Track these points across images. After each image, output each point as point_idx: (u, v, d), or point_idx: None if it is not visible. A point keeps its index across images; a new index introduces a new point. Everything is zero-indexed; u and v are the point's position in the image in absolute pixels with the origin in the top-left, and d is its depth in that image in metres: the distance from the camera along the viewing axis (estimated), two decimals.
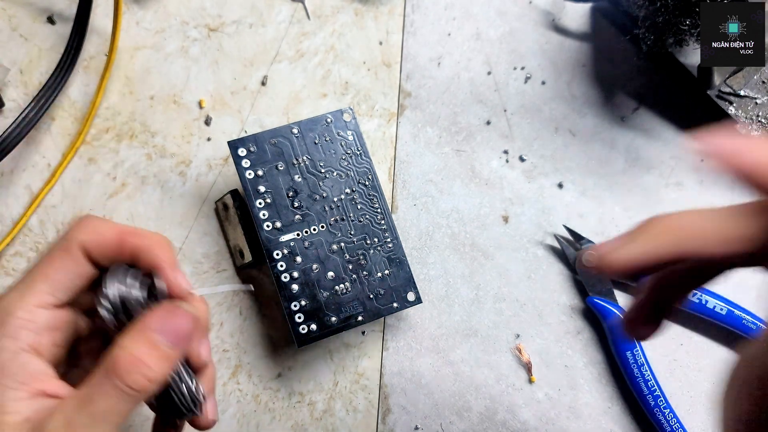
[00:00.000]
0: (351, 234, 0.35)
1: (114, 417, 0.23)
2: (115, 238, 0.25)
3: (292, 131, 0.35)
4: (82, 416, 0.23)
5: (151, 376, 0.23)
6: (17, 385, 0.23)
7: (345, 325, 0.34)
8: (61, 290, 0.25)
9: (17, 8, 0.39)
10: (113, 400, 0.23)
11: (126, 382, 0.23)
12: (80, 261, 0.25)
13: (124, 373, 0.23)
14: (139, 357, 0.23)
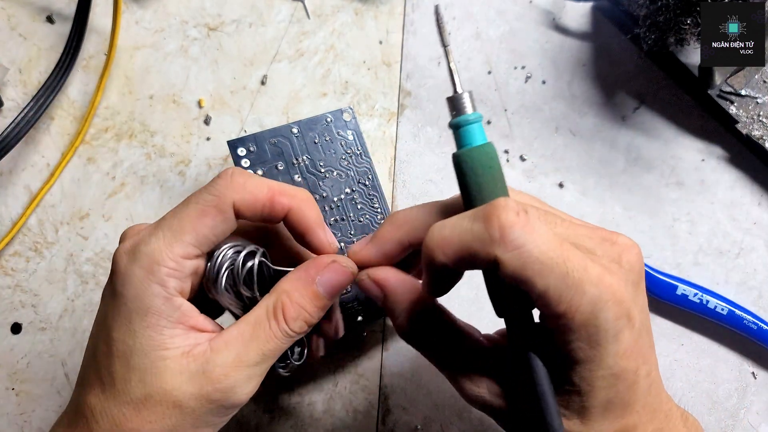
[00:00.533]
0: (351, 234, 0.35)
1: (275, 354, 0.26)
2: (267, 198, 0.27)
3: (291, 131, 0.35)
4: (251, 353, 0.25)
5: (311, 322, 0.26)
6: (172, 324, 0.25)
7: (345, 325, 0.34)
8: (206, 244, 0.26)
9: (16, 7, 0.39)
10: (279, 342, 0.26)
11: (292, 327, 0.26)
12: (231, 219, 0.26)
13: (291, 319, 0.26)
14: (303, 305, 0.26)
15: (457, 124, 0.23)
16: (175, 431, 0.25)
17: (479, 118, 0.23)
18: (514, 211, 0.21)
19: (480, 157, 0.23)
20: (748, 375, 0.39)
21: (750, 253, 0.40)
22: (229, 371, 0.25)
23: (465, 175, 0.23)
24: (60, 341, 0.36)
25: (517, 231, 0.21)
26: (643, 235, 0.40)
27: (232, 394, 0.25)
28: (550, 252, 0.21)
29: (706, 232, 0.40)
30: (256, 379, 0.26)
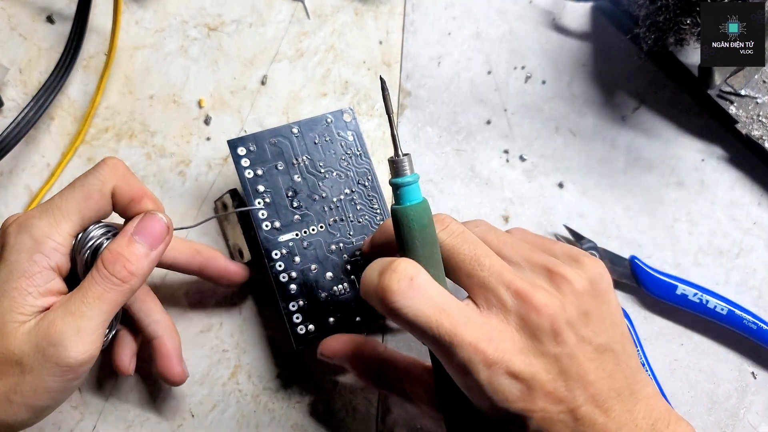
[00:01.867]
0: (350, 235, 0.35)
1: (103, 304, 0.27)
2: (139, 194, 0.29)
3: (292, 131, 0.35)
4: (76, 302, 0.27)
5: (131, 268, 0.28)
6: (38, 294, 0.27)
7: (342, 326, 0.34)
8: (86, 223, 0.29)
9: (16, 7, 0.39)
10: (101, 288, 0.27)
11: (110, 271, 0.27)
12: (108, 203, 0.29)
13: (108, 264, 0.27)
14: (119, 252, 0.28)
15: (396, 185, 0.26)
16: (16, 391, 0.26)
17: (416, 179, 0.26)
18: (400, 277, 0.24)
19: (406, 215, 0.26)
20: (748, 375, 0.39)
21: (750, 253, 0.40)
22: (57, 322, 0.26)
23: (395, 227, 0.26)
24: None
25: (395, 296, 0.24)
26: (643, 235, 0.40)
27: (62, 348, 0.26)
28: (422, 317, 0.24)
29: (706, 232, 0.40)
30: (87, 334, 0.27)
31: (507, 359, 0.24)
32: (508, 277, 0.25)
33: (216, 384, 0.37)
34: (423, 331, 0.25)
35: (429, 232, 0.26)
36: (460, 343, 0.24)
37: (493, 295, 0.25)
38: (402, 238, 0.26)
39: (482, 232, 0.29)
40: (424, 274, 0.25)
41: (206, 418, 0.37)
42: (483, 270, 0.26)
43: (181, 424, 0.36)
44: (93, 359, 0.27)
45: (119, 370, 0.34)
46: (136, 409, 0.36)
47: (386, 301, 0.25)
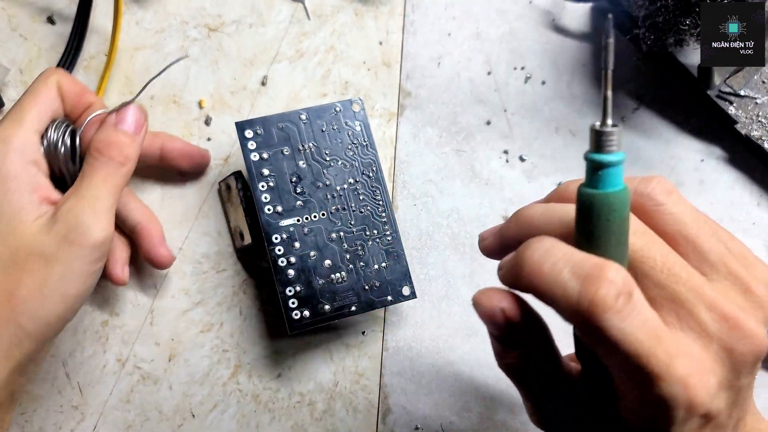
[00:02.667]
0: (351, 224, 0.35)
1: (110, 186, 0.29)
2: (81, 89, 0.32)
3: (300, 117, 0.35)
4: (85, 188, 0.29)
5: (126, 152, 0.30)
6: (30, 190, 0.29)
7: (338, 314, 0.34)
8: (44, 121, 0.30)
9: (17, 8, 0.39)
10: (104, 172, 0.29)
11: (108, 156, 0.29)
12: (56, 97, 0.31)
13: (104, 149, 0.29)
14: (109, 139, 0.30)
15: (598, 163, 0.21)
16: (46, 284, 0.28)
17: (622, 160, 0.21)
18: (616, 292, 0.19)
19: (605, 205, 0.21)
20: None
21: None
22: (74, 208, 0.28)
23: (584, 217, 0.21)
24: (60, 341, 0.36)
25: (609, 316, 0.19)
26: None
27: (85, 228, 0.28)
28: (635, 344, 0.19)
29: None
30: (102, 214, 0.29)
31: (708, 401, 0.20)
32: (710, 294, 0.21)
33: (216, 384, 0.37)
34: (631, 358, 0.20)
35: (626, 229, 0.21)
36: (669, 377, 0.20)
37: (691, 316, 0.21)
38: (592, 232, 0.21)
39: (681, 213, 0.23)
40: (637, 289, 0.20)
41: (206, 417, 0.37)
42: (678, 283, 0.21)
43: (182, 424, 0.37)
44: (111, 239, 0.29)
45: (113, 280, 0.34)
46: (137, 409, 0.36)
47: (596, 319, 0.19)
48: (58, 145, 0.30)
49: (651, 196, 0.23)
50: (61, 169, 0.31)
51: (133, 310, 0.37)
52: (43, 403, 0.36)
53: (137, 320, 0.37)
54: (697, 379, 0.20)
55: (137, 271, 0.37)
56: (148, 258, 0.35)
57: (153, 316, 0.37)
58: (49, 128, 0.31)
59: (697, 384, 0.20)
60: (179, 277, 0.38)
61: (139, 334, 0.37)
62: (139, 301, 0.37)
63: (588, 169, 0.21)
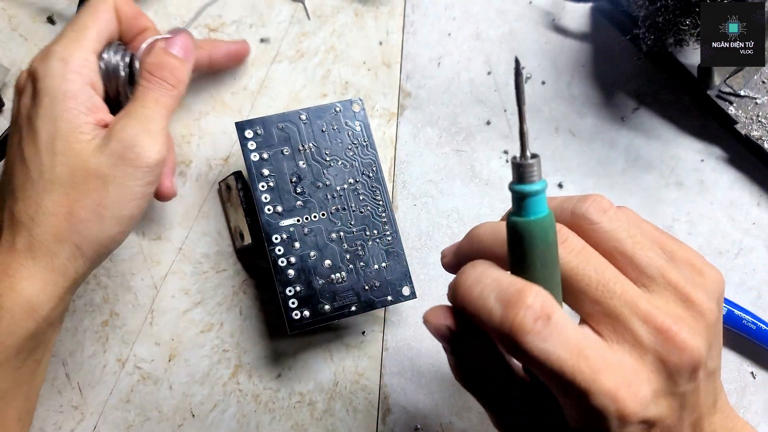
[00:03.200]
0: (351, 224, 0.35)
1: (162, 108, 0.30)
2: (137, 11, 0.32)
3: (300, 117, 0.36)
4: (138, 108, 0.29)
5: (177, 74, 0.31)
6: (87, 111, 0.29)
7: (338, 314, 0.34)
8: (104, 40, 0.31)
9: (17, 8, 0.39)
10: (156, 93, 0.30)
11: (161, 77, 0.30)
12: (113, 18, 0.31)
13: (157, 71, 0.30)
14: (161, 62, 0.30)
15: (521, 194, 0.22)
16: (104, 205, 0.28)
17: (544, 188, 0.22)
18: (534, 316, 0.20)
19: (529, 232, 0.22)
20: (747, 375, 0.39)
21: (749, 253, 0.40)
22: (127, 128, 0.29)
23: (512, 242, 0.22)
24: (60, 341, 0.36)
25: (528, 338, 0.20)
26: None
27: (140, 148, 0.28)
28: (559, 362, 0.20)
29: (705, 232, 0.40)
30: (156, 134, 0.29)
31: (641, 409, 0.21)
32: (644, 307, 0.22)
33: (216, 384, 0.37)
34: (555, 376, 0.21)
35: (553, 252, 0.22)
36: (597, 391, 0.20)
37: (626, 329, 0.22)
38: (520, 256, 0.22)
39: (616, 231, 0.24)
40: (559, 309, 0.21)
41: (207, 417, 0.37)
42: (613, 298, 0.22)
43: (182, 424, 0.37)
44: (165, 159, 0.30)
45: (163, 193, 0.34)
46: (137, 409, 0.36)
47: (517, 341, 0.21)
48: (118, 69, 0.31)
49: (586, 216, 0.24)
50: (119, 92, 0.31)
51: (133, 310, 0.37)
52: (43, 403, 0.36)
53: (137, 320, 0.37)
54: (625, 391, 0.20)
55: (137, 270, 0.37)
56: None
57: (153, 316, 0.37)
58: (106, 50, 0.31)
59: (626, 396, 0.20)
60: (179, 277, 0.38)
61: (139, 334, 0.37)
62: (139, 301, 0.37)
63: (513, 199, 0.22)
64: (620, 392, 0.20)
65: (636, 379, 0.21)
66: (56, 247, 0.28)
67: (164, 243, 0.38)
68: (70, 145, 0.28)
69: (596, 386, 0.20)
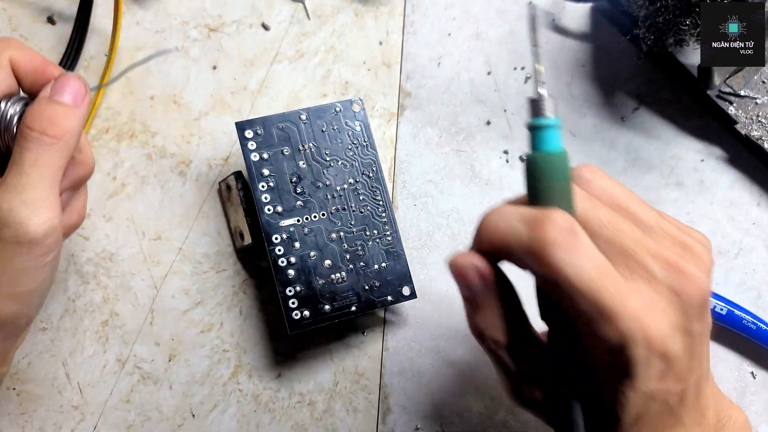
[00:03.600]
0: (351, 224, 0.35)
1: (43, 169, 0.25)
2: (42, 62, 0.28)
3: (300, 117, 0.36)
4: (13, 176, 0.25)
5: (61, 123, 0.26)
6: None
7: (338, 314, 0.34)
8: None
9: (17, 8, 0.39)
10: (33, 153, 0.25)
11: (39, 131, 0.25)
12: (9, 74, 0.27)
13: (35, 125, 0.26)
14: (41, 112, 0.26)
15: (537, 126, 0.23)
16: None
17: (558, 124, 0.23)
18: (560, 230, 0.21)
19: (547, 164, 0.23)
20: (747, 375, 0.39)
21: (749, 253, 0.40)
22: (2, 203, 0.25)
23: (530, 178, 0.23)
24: (61, 341, 0.36)
25: (556, 250, 0.21)
26: None
27: (16, 225, 0.25)
28: (586, 278, 0.21)
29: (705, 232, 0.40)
30: (37, 204, 0.25)
31: (665, 336, 0.21)
32: (653, 245, 0.23)
33: (216, 384, 0.37)
34: (583, 294, 0.21)
35: (569, 188, 0.23)
36: (622, 313, 0.21)
37: (639, 264, 0.22)
38: (540, 190, 0.23)
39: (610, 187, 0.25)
40: (581, 229, 0.22)
41: (207, 417, 0.37)
42: (624, 236, 0.22)
43: (182, 424, 0.37)
44: (56, 229, 0.26)
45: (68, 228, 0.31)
46: (137, 409, 0.36)
47: (546, 255, 0.21)
48: (10, 121, 0.27)
49: (580, 176, 0.25)
50: (9, 147, 0.28)
51: (133, 310, 0.37)
52: (42, 403, 0.36)
53: (137, 320, 0.37)
54: (650, 316, 0.21)
55: (137, 270, 0.37)
56: None
57: (153, 316, 0.37)
58: (2, 104, 0.27)
59: (650, 321, 0.21)
60: (179, 277, 0.38)
61: (139, 334, 0.37)
62: (139, 301, 0.37)
63: (530, 136, 0.23)
64: (645, 316, 0.21)
65: (655, 308, 0.21)
66: None
67: (164, 243, 0.38)
68: None
69: (622, 308, 0.21)
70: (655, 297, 0.22)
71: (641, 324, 0.21)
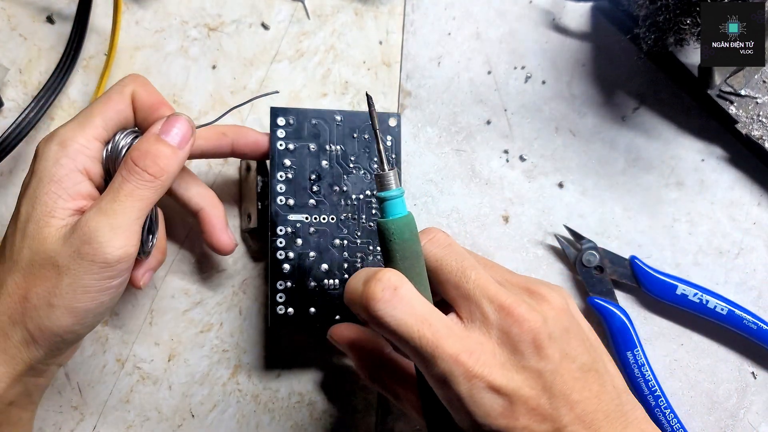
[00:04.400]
0: (357, 235, 0.35)
1: (135, 201, 0.28)
2: (158, 101, 0.31)
3: (335, 117, 0.35)
4: (108, 200, 0.27)
5: (162, 164, 0.28)
6: (68, 197, 0.28)
7: (322, 319, 0.34)
8: (111, 128, 0.30)
9: (16, 8, 0.39)
10: (131, 185, 0.28)
11: (141, 167, 0.28)
12: (128, 106, 0.30)
13: (138, 160, 0.28)
14: (147, 149, 0.28)
15: (381, 198, 0.27)
16: (55, 294, 0.27)
17: (401, 193, 0.27)
18: (381, 286, 0.25)
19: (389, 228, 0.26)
20: (748, 375, 0.39)
21: (750, 253, 0.40)
22: (90, 221, 0.27)
23: (379, 240, 0.27)
24: None
25: (379, 304, 0.25)
26: (642, 235, 0.40)
27: (97, 245, 0.27)
28: (404, 327, 0.24)
29: (705, 232, 0.40)
30: (121, 230, 0.27)
31: (487, 373, 0.24)
32: (493, 290, 0.26)
33: (216, 384, 0.37)
34: (405, 341, 0.25)
35: (410, 246, 0.26)
36: (441, 355, 0.24)
37: (477, 308, 0.25)
38: (385, 251, 0.27)
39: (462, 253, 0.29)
40: (408, 284, 0.25)
41: (206, 417, 0.37)
42: (468, 282, 0.26)
43: (181, 424, 0.37)
44: (130, 257, 0.28)
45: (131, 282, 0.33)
46: (136, 409, 0.36)
47: (370, 308, 0.25)
48: (120, 153, 0.29)
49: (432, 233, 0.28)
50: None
51: (133, 310, 0.37)
52: (42, 403, 0.36)
53: (137, 320, 0.37)
54: (467, 356, 0.24)
55: None
56: (211, 244, 0.34)
57: (152, 316, 0.37)
58: (118, 134, 0.30)
59: (468, 360, 0.24)
60: (179, 277, 0.38)
61: (139, 334, 0.37)
62: (139, 301, 0.37)
63: (378, 205, 0.27)
64: (461, 356, 0.24)
65: (481, 349, 0.25)
66: (9, 329, 0.27)
67: None
68: (39, 228, 0.27)
69: (440, 351, 0.24)
70: (484, 339, 0.25)
71: (458, 364, 0.24)
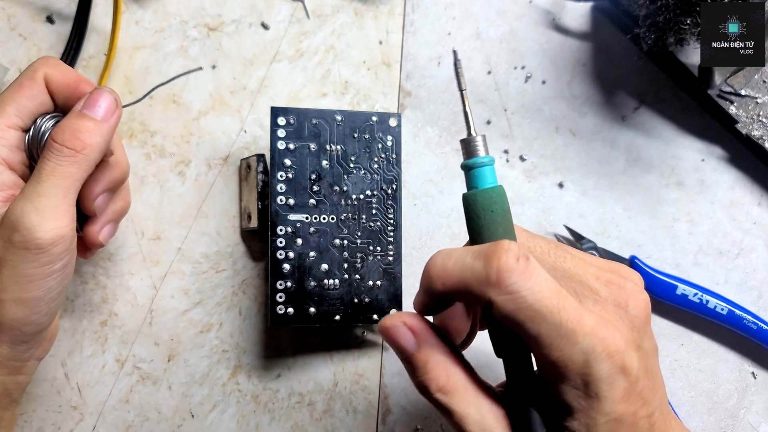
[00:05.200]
0: (357, 235, 0.35)
1: (59, 179, 0.26)
2: (75, 79, 0.29)
3: (335, 117, 0.35)
4: (31, 184, 0.26)
5: (84, 138, 0.27)
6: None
7: (321, 319, 0.34)
8: (26, 115, 0.28)
9: (16, 7, 0.39)
10: (53, 162, 0.26)
11: (61, 142, 0.26)
12: (43, 91, 0.28)
13: (58, 137, 0.26)
14: (68, 125, 0.27)
15: (469, 166, 0.24)
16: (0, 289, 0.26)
17: (491, 161, 0.24)
18: (514, 256, 0.21)
19: (486, 199, 0.24)
20: (748, 375, 0.39)
21: (750, 253, 0.40)
22: (15, 208, 0.26)
23: (471, 215, 0.24)
24: (60, 341, 0.36)
25: (514, 276, 0.21)
26: (643, 235, 0.40)
27: (25, 231, 0.25)
28: (545, 300, 0.21)
29: (706, 232, 0.40)
30: (49, 212, 0.26)
31: (623, 350, 0.22)
32: (593, 269, 0.24)
33: (216, 384, 0.37)
34: (544, 316, 0.21)
35: (510, 219, 0.24)
36: (582, 330, 0.21)
37: (584, 286, 0.24)
38: (481, 226, 0.24)
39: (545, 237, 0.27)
40: (533, 253, 0.23)
41: (206, 418, 0.37)
42: (567, 260, 0.24)
43: (181, 424, 0.36)
44: (64, 238, 0.26)
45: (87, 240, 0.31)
46: (136, 409, 0.36)
47: (504, 283, 0.21)
48: (42, 137, 0.28)
49: None
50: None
51: (133, 310, 0.37)
52: (41, 403, 0.36)
53: (136, 320, 0.37)
54: (605, 331, 0.22)
55: (136, 270, 0.37)
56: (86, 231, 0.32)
57: (152, 316, 0.37)
58: (38, 120, 0.29)
59: (607, 335, 0.22)
60: (179, 277, 0.37)
61: (139, 335, 0.37)
62: (139, 301, 0.37)
63: (466, 176, 0.25)
64: (601, 331, 0.22)
65: (608, 324, 0.22)
66: None
67: (163, 243, 0.38)
68: None
69: (581, 325, 0.21)
70: (605, 314, 0.23)
71: (600, 339, 0.21)
